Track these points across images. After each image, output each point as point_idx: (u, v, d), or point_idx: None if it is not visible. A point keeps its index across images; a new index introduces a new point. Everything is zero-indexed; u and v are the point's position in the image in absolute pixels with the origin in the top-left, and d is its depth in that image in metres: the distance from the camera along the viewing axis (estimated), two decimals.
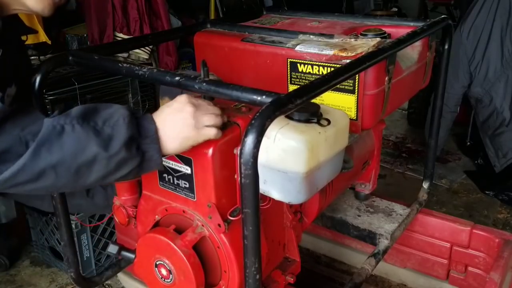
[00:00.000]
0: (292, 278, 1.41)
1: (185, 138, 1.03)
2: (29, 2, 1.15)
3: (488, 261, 1.92)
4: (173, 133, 1.02)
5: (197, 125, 1.03)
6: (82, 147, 0.94)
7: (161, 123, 1.02)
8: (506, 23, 3.18)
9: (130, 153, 0.97)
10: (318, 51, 1.39)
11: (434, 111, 1.84)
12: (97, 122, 0.96)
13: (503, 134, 3.27)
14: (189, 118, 1.02)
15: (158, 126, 1.02)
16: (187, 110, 1.02)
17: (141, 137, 0.99)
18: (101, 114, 0.98)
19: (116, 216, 1.40)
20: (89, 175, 0.97)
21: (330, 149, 1.14)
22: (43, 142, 0.93)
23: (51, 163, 0.93)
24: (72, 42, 2.93)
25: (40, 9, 1.16)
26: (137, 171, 1.02)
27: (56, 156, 0.93)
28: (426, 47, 1.67)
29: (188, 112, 1.02)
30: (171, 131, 1.02)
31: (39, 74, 1.23)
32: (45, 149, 0.92)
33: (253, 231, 0.91)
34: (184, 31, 2.00)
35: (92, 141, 0.94)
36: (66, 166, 0.94)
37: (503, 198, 3.33)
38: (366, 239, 1.81)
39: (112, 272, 1.61)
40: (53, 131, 0.93)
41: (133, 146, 0.98)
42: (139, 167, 1.01)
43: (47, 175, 0.94)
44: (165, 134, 1.02)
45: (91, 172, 0.97)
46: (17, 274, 2.70)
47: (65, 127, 0.94)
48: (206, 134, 1.04)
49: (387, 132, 4.36)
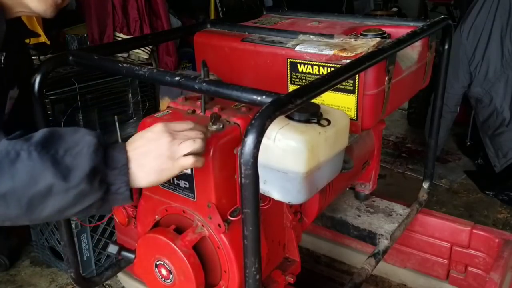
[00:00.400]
0: (292, 278, 1.41)
1: (161, 170, 0.96)
2: (31, 4, 1.14)
3: (488, 261, 1.92)
4: (148, 165, 0.95)
5: (172, 155, 0.95)
6: (37, 176, 0.85)
7: (134, 154, 0.95)
8: (506, 23, 3.18)
9: (91, 186, 0.89)
10: (318, 51, 1.39)
11: (434, 111, 1.84)
12: (58, 150, 0.88)
13: (503, 134, 3.27)
14: (164, 149, 0.95)
15: (131, 156, 0.94)
16: (162, 141, 0.95)
17: (108, 168, 0.91)
18: (65, 141, 0.90)
19: (116, 216, 1.40)
20: (44, 208, 0.88)
21: (330, 149, 1.14)
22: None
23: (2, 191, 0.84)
24: (72, 42, 2.93)
25: (42, 11, 1.16)
26: (100, 205, 0.93)
27: (6, 184, 0.84)
28: (426, 47, 1.67)
29: (164, 143, 0.95)
30: (145, 162, 0.95)
31: (39, 74, 1.23)
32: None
33: (253, 231, 0.91)
34: (184, 31, 2.00)
35: (48, 171, 0.86)
36: (17, 196, 0.85)
37: (503, 198, 3.33)
38: (366, 239, 1.81)
39: (112, 272, 1.61)
40: (6, 157, 0.85)
41: (96, 179, 0.90)
42: (102, 200, 0.92)
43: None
44: (138, 166, 0.94)
45: (46, 205, 0.88)
46: (17, 274, 2.70)
47: (21, 153, 0.86)
48: (182, 165, 0.96)
49: (387, 132, 4.37)
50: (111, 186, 0.92)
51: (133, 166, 0.94)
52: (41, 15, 1.18)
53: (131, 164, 0.94)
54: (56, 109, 2.36)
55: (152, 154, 0.95)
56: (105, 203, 0.94)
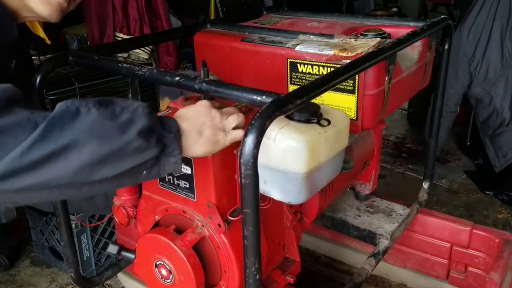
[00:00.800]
0: (292, 278, 1.41)
1: (216, 141, 1.00)
2: (37, 8, 1.14)
3: (488, 261, 1.92)
4: (204, 135, 0.99)
5: (224, 128, 1.01)
6: (97, 130, 0.87)
7: (189, 125, 0.98)
8: (506, 23, 3.18)
9: (149, 142, 0.90)
10: (318, 51, 1.39)
11: (434, 111, 1.84)
12: (115, 108, 0.90)
13: (503, 134, 3.27)
14: (217, 121, 1.00)
15: (185, 127, 0.97)
16: (214, 115, 1.00)
17: (164, 130, 0.94)
18: (119, 103, 0.92)
19: (116, 216, 1.40)
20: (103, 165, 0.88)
21: (330, 149, 1.14)
22: (55, 121, 0.86)
23: (62, 144, 0.84)
24: (72, 42, 2.92)
25: (48, 15, 1.16)
26: (152, 164, 0.93)
27: (68, 137, 0.85)
28: (426, 47, 1.67)
29: (216, 116, 1.00)
30: (200, 133, 0.98)
31: (39, 74, 1.23)
32: (57, 129, 0.85)
33: (253, 231, 0.91)
34: (184, 31, 2.00)
35: (108, 125, 0.88)
36: (78, 149, 0.85)
37: (503, 198, 3.33)
38: (366, 239, 1.81)
39: (112, 272, 1.61)
40: (66, 111, 0.87)
41: (153, 136, 0.91)
42: (156, 159, 0.93)
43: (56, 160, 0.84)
44: (191, 136, 0.98)
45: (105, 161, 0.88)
46: (17, 274, 2.70)
47: (81, 109, 0.88)
48: (234, 137, 1.02)
49: (387, 132, 4.37)
50: (166, 148, 0.94)
51: (189, 135, 0.97)
52: (46, 19, 1.18)
53: (187, 133, 0.97)
54: None
55: (207, 125, 0.99)
56: (157, 164, 0.94)
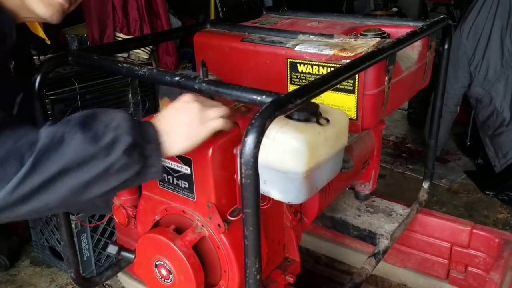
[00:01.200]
0: (292, 278, 1.41)
1: (192, 136, 1.01)
2: (38, 9, 1.14)
3: (488, 261, 1.92)
4: (177, 132, 0.99)
5: (202, 120, 1.01)
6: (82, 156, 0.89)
7: (165, 125, 0.99)
8: (506, 23, 3.18)
9: (132, 159, 0.93)
10: (318, 51, 1.39)
11: (434, 111, 1.84)
12: (98, 127, 0.92)
13: (503, 134, 3.27)
14: (193, 115, 1.00)
15: (162, 128, 0.98)
16: (191, 109, 1.00)
17: (144, 141, 0.95)
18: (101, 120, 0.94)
19: (116, 216, 1.40)
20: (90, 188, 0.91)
21: (330, 148, 1.14)
22: (42, 153, 0.88)
23: (49, 176, 0.87)
24: (72, 42, 2.92)
25: (48, 16, 1.16)
26: (134, 179, 0.96)
27: (55, 168, 0.87)
28: (426, 47, 1.67)
29: (193, 109, 1.00)
30: (174, 130, 0.99)
31: (39, 74, 1.23)
32: (44, 159, 0.87)
33: (253, 231, 0.91)
34: (184, 31, 2.00)
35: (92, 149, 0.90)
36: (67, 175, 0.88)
37: (503, 198, 3.33)
38: (366, 239, 1.81)
39: (112, 272, 1.61)
40: (52, 140, 0.89)
41: (136, 152, 0.93)
42: (138, 174, 0.96)
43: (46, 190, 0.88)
44: (170, 136, 0.99)
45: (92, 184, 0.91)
46: (17, 274, 2.70)
47: (65, 136, 0.89)
48: (212, 127, 1.02)
49: (387, 132, 4.37)
50: (147, 160, 0.96)
51: (165, 137, 0.98)
52: (47, 20, 1.17)
53: (165, 135, 0.98)
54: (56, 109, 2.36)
55: (181, 122, 1.00)
56: (139, 177, 0.97)
